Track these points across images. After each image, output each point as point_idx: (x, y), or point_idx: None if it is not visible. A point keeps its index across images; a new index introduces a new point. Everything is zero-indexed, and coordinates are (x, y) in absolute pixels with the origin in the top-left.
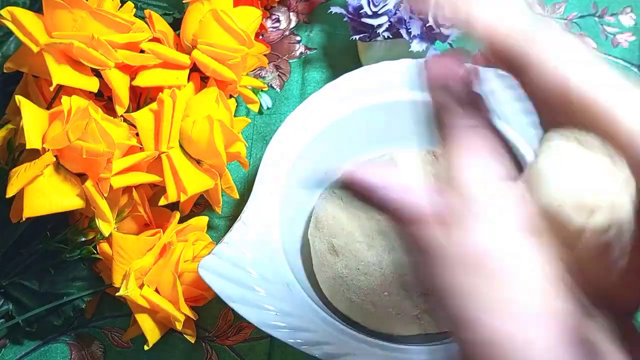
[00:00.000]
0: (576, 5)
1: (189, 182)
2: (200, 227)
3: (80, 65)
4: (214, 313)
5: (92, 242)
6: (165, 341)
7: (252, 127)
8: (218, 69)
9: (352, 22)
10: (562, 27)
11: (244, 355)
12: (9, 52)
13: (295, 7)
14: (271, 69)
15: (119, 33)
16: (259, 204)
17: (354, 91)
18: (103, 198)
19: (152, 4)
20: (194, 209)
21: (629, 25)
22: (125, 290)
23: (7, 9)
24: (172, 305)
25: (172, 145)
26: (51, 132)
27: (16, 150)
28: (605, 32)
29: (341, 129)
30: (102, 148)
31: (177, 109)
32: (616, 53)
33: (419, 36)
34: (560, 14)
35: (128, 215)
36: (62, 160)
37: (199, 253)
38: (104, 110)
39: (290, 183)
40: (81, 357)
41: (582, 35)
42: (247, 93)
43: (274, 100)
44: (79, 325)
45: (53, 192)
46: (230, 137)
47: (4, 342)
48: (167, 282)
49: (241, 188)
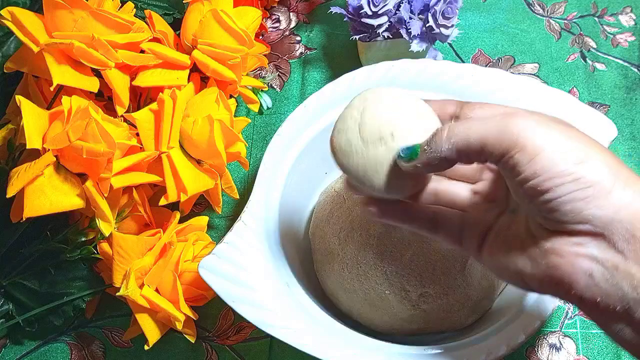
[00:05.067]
0: (576, 5)
1: (189, 182)
2: (200, 227)
3: (80, 65)
4: (214, 313)
5: (92, 242)
6: (165, 341)
7: (252, 127)
8: (218, 69)
9: (352, 22)
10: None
11: (244, 355)
12: (9, 52)
13: (295, 7)
14: (271, 69)
15: (119, 33)
16: (259, 204)
17: (354, 91)
18: (103, 198)
19: (152, 4)
20: (194, 209)
21: (629, 25)
22: (126, 290)
23: (7, 9)
24: (172, 305)
25: (172, 145)
26: (51, 132)
27: (16, 150)
28: (605, 32)
29: None
30: (102, 148)
31: (177, 109)
32: (616, 53)
33: (419, 36)
34: (560, 14)
35: (128, 215)
36: (63, 160)
37: (199, 253)
38: (104, 110)
39: (290, 183)
40: (81, 357)
41: (582, 35)
42: (247, 93)
43: (274, 100)
44: (79, 325)
45: (53, 192)
46: (230, 137)
47: (4, 342)
48: (167, 282)
49: (241, 188)
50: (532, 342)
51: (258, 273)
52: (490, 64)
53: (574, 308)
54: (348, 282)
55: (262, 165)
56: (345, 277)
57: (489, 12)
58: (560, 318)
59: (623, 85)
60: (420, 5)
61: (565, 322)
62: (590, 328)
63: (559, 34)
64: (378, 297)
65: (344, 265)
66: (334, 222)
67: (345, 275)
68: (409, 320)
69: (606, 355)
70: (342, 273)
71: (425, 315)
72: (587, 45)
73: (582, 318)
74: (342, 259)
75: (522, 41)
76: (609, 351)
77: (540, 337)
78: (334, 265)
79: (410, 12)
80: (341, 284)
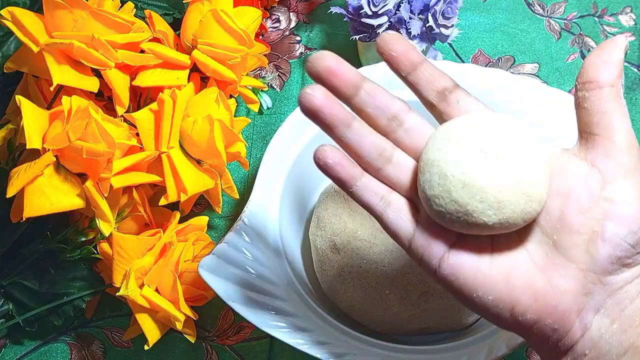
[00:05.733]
0: (576, 5)
1: (189, 182)
2: (200, 227)
3: (80, 66)
4: (214, 313)
5: (92, 242)
6: (165, 341)
7: (252, 127)
8: (218, 69)
9: (352, 22)
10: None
11: (244, 355)
12: (9, 52)
13: (295, 7)
14: (271, 69)
15: (119, 33)
16: (259, 204)
17: None
18: (103, 198)
19: (152, 4)
20: (194, 209)
21: (629, 25)
22: (126, 290)
23: (7, 9)
24: (172, 305)
25: (172, 145)
26: (51, 132)
27: (16, 150)
28: (605, 32)
29: None
30: (102, 148)
31: (177, 109)
32: None
33: (419, 36)
34: (560, 14)
35: (128, 215)
36: (63, 160)
37: (199, 253)
38: (104, 110)
39: (291, 183)
40: (81, 357)
41: (582, 35)
42: (247, 93)
43: (274, 100)
44: (79, 325)
45: (53, 192)
46: (230, 137)
47: (4, 342)
48: (167, 282)
49: (241, 188)
50: None
51: (258, 273)
52: (490, 64)
53: None
54: (348, 282)
55: (262, 165)
56: (346, 277)
57: (489, 12)
58: None
59: (623, 85)
60: (420, 5)
61: None
62: None
63: (559, 34)
64: (378, 297)
65: (344, 265)
66: (334, 222)
67: (345, 275)
68: (409, 320)
69: None
70: (342, 273)
71: (425, 315)
72: (587, 45)
73: None
74: (343, 259)
75: (522, 41)
76: None
77: None
78: (334, 265)
79: (410, 12)
80: (341, 284)
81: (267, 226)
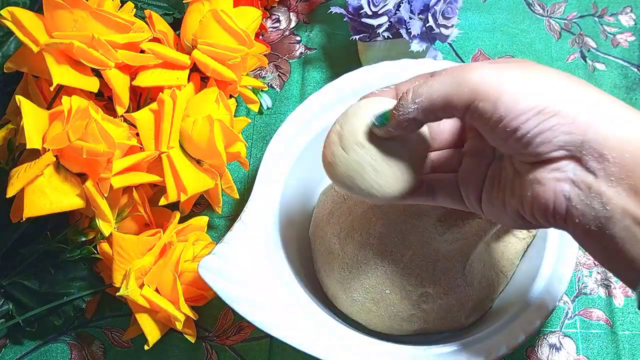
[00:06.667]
0: (576, 5)
1: (189, 182)
2: (200, 227)
3: (80, 65)
4: (214, 313)
5: (92, 242)
6: (165, 341)
7: (252, 127)
8: (218, 69)
9: (352, 22)
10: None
11: (244, 355)
12: (9, 52)
13: (295, 7)
14: (271, 69)
15: (119, 33)
16: (259, 204)
17: (354, 91)
18: (103, 198)
19: (152, 4)
20: (194, 209)
21: (629, 25)
22: (126, 290)
23: (7, 9)
24: (172, 305)
25: (172, 145)
26: (51, 132)
27: (16, 150)
28: (605, 32)
29: None
30: (102, 148)
31: (177, 109)
32: (616, 53)
33: (419, 36)
34: (560, 14)
35: (128, 215)
36: (63, 160)
37: (199, 253)
38: (104, 110)
39: (290, 183)
40: (81, 357)
41: (582, 35)
42: (247, 93)
43: (274, 100)
44: (79, 325)
45: (53, 192)
46: (230, 137)
47: (4, 342)
48: (167, 282)
49: (241, 188)
50: (532, 342)
51: (258, 273)
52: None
53: (574, 308)
54: (348, 282)
55: (262, 165)
56: (346, 277)
57: (489, 12)
58: (560, 318)
59: (623, 85)
60: (420, 5)
61: (565, 322)
62: (590, 328)
63: (558, 34)
64: (378, 296)
65: (344, 265)
66: (334, 222)
67: (345, 275)
68: (409, 320)
69: (606, 355)
70: (342, 273)
71: (425, 315)
72: (587, 45)
73: (582, 318)
74: (343, 259)
75: (522, 41)
76: (609, 351)
77: (540, 337)
78: (334, 265)
79: (410, 12)
80: (341, 284)
81: (267, 226)
